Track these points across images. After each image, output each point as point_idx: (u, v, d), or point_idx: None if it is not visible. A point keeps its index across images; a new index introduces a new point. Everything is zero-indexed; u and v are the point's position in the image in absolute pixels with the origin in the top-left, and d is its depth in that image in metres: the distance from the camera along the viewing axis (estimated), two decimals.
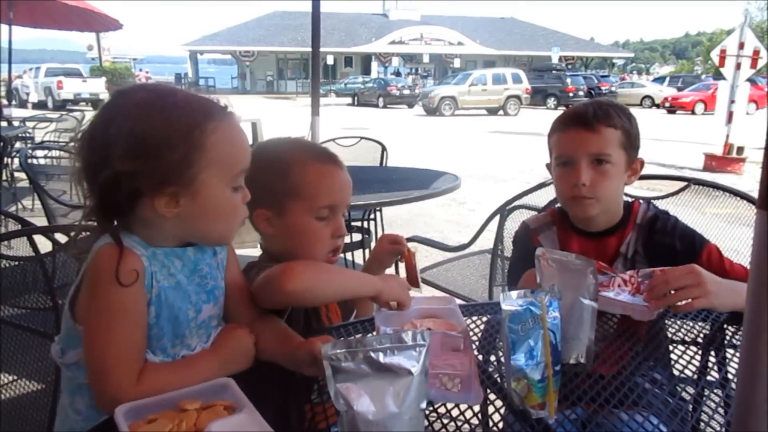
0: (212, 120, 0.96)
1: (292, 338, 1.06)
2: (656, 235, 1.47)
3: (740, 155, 9.51)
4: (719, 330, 1.24)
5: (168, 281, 0.98)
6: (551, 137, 1.52)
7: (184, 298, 1.00)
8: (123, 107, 0.95)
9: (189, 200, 0.95)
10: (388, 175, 3.74)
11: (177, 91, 0.99)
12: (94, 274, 0.92)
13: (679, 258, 1.38)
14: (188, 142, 0.93)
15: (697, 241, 1.45)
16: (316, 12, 4.22)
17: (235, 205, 1.02)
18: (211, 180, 0.96)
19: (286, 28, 41.98)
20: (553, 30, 51.32)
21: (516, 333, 0.88)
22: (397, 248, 1.38)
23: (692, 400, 1.04)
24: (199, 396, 0.82)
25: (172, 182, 0.93)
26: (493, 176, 9.27)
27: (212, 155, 0.95)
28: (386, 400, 0.71)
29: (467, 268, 2.98)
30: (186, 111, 0.95)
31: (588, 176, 1.42)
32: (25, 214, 4.97)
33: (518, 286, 1.53)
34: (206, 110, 0.97)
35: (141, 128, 0.91)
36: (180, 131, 0.92)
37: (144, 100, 0.96)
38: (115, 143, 0.91)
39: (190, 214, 0.97)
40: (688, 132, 16.17)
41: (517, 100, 25.46)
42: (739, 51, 9.12)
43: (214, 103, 1.00)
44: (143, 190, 0.93)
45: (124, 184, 0.91)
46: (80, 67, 28.96)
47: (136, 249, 0.95)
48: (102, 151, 0.92)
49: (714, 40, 36.35)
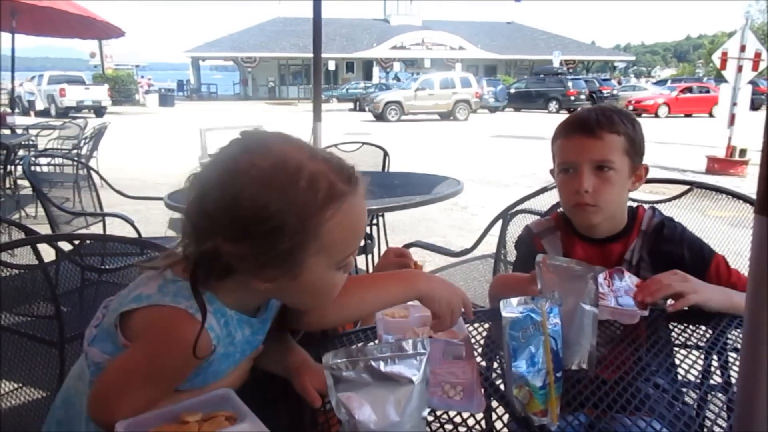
0: (334, 203, 0.86)
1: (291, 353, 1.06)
2: (663, 243, 1.46)
3: (743, 158, 9.49)
4: (721, 334, 1.24)
5: (226, 349, 0.93)
6: (554, 143, 1.51)
7: (230, 360, 0.96)
8: (242, 174, 0.85)
9: (288, 279, 0.89)
10: (391, 181, 3.74)
11: (303, 160, 0.87)
12: (163, 332, 0.86)
13: (687, 268, 1.36)
14: (303, 232, 0.85)
15: (706, 252, 1.45)
16: (318, 18, 4.23)
17: (336, 285, 0.95)
18: (318, 264, 0.89)
19: (288, 34, 42.10)
20: (555, 34, 51.36)
21: (517, 340, 0.88)
22: (403, 261, 1.35)
23: (695, 405, 1.04)
24: (199, 408, 0.81)
25: (275, 268, 0.86)
26: (495, 181, 9.26)
27: (325, 242, 0.87)
28: (387, 409, 0.72)
29: (470, 273, 2.97)
30: (309, 194, 0.85)
31: (590, 183, 1.41)
32: (27, 222, 4.99)
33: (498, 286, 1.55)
34: (330, 191, 0.86)
35: (252, 207, 0.83)
36: (296, 219, 0.84)
37: (263, 171, 0.84)
38: (223, 216, 0.84)
39: (286, 289, 0.91)
40: (690, 135, 16.14)
41: (467, 104, 24.71)
42: (740, 54, 9.12)
43: (339, 178, 0.89)
44: (244, 269, 0.87)
45: (225, 258, 0.85)
46: (83, 74, 29.09)
47: (213, 327, 0.88)
48: (210, 219, 0.85)
49: (715, 42, 36.33)
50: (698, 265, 1.42)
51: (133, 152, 12.16)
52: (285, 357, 1.04)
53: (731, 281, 1.40)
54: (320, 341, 1.22)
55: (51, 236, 1.71)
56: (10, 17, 7.12)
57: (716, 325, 1.27)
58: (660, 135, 14.54)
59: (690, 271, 1.33)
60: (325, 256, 0.88)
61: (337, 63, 40.65)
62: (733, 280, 1.41)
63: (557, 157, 1.50)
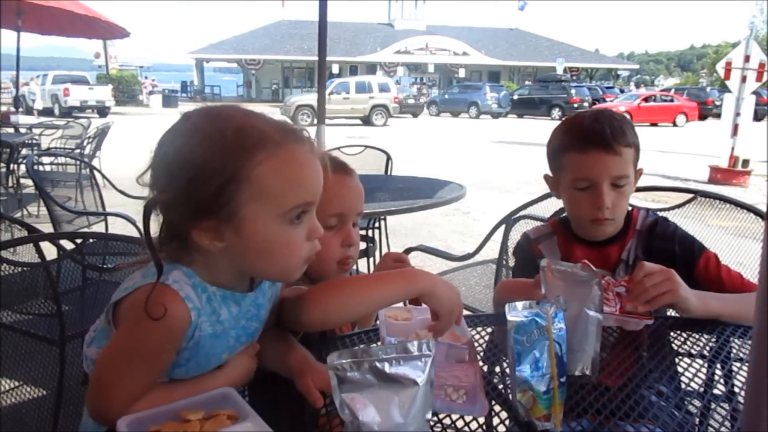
0: (262, 150, 0.86)
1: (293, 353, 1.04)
2: (656, 240, 1.49)
3: (745, 168, 9.51)
4: (725, 343, 1.23)
5: (213, 328, 0.93)
6: (563, 155, 1.47)
7: (222, 344, 0.96)
8: (176, 131, 0.90)
9: (233, 235, 0.88)
10: (393, 184, 3.75)
11: (237, 116, 0.90)
12: (138, 307, 0.85)
13: (678, 262, 1.39)
14: (224, 175, 0.85)
15: (696, 247, 1.47)
16: (323, 21, 4.24)
17: (290, 242, 0.92)
18: (258, 215, 0.88)
19: (292, 37, 42.21)
20: (558, 41, 51.44)
21: (521, 344, 0.88)
22: (401, 267, 1.35)
23: (699, 414, 1.04)
24: (201, 406, 0.81)
25: (207, 215, 0.86)
26: (497, 186, 9.27)
27: (259, 188, 0.86)
28: (391, 411, 0.71)
29: (472, 278, 2.97)
30: (233, 139, 0.86)
31: (610, 199, 1.41)
32: (30, 220, 4.99)
33: (504, 291, 1.54)
34: (258, 139, 0.87)
35: (180, 156, 0.86)
36: (217, 162, 0.85)
37: (195, 125, 0.89)
38: (157, 169, 0.89)
39: (238, 249, 0.90)
40: (693, 144, 16.14)
41: (384, 109, 24.29)
42: (744, 64, 9.14)
43: (273, 131, 0.89)
44: (178, 221, 0.88)
45: (163, 213, 0.88)
46: (87, 74, 29.15)
47: (190, 297, 0.88)
48: (151, 176, 0.89)
49: (719, 52, 36.39)
50: (688, 259, 1.44)
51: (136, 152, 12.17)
52: (286, 355, 1.03)
53: (720, 277, 1.42)
54: (321, 343, 1.21)
55: (53, 234, 1.71)
56: (16, 17, 7.15)
57: (720, 333, 1.27)
58: (663, 144, 14.55)
59: (680, 265, 1.35)
60: (263, 205, 0.88)
61: (341, 66, 40.71)
62: (723, 276, 1.42)
63: (570, 172, 1.45)
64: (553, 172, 1.54)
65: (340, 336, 1.25)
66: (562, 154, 1.47)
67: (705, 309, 1.27)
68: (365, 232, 3.71)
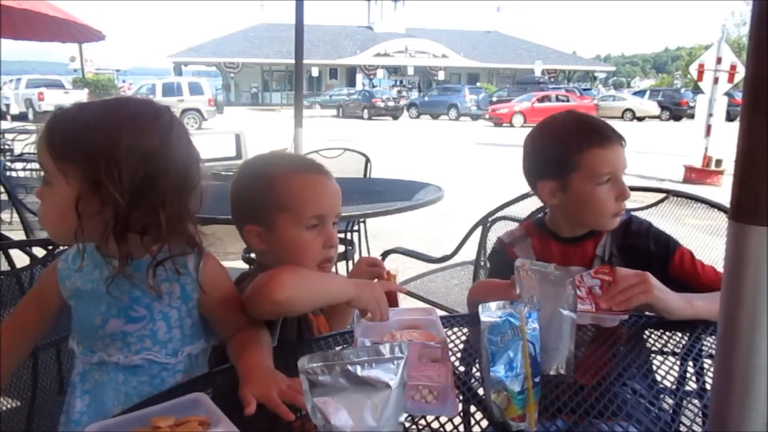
0: None
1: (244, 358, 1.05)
2: (630, 237, 1.51)
3: (718, 167, 9.68)
4: (697, 340, 1.25)
5: (85, 285, 1.11)
6: (581, 153, 1.44)
7: (96, 304, 1.10)
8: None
9: None
10: (372, 187, 3.75)
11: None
12: None
13: (653, 259, 1.45)
14: None
15: (671, 244, 1.50)
16: (300, 24, 4.23)
17: None
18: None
19: (272, 40, 42.04)
20: (536, 43, 51.97)
21: (495, 345, 0.88)
22: (376, 271, 1.38)
23: (671, 410, 1.05)
24: (171, 412, 0.80)
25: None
26: (476, 188, 9.31)
27: None
28: (364, 414, 0.71)
29: (450, 280, 2.98)
30: None
31: None
32: (2, 228, 4.90)
33: (478, 291, 1.55)
34: None
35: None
36: None
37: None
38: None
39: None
40: (669, 144, 16.39)
41: (198, 113, 22.31)
42: (716, 66, 9.30)
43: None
44: None
45: None
46: (62, 78, 28.70)
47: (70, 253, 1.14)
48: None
49: (693, 55, 36.97)
50: (662, 255, 1.47)
51: None
52: (238, 361, 1.04)
53: (696, 271, 1.44)
54: (296, 346, 1.21)
55: (24, 242, 1.67)
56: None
57: (692, 331, 1.29)
58: (639, 145, 14.75)
59: (655, 262, 1.41)
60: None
61: (320, 69, 40.69)
62: (698, 270, 1.44)
63: (594, 168, 1.43)
64: (556, 178, 1.48)
65: (316, 339, 1.25)
66: (579, 153, 1.44)
67: (691, 309, 1.29)
68: (344, 235, 3.70)
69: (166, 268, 1.09)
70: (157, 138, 1.03)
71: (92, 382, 1.13)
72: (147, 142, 1.01)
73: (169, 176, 1.03)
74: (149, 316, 1.10)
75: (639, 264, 1.36)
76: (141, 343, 1.11)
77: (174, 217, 1.05)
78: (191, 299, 1.13)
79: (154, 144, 1.02)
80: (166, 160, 1.03)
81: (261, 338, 1.12)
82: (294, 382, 0.90)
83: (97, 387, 1.13)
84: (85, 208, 0.99)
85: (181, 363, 1.14)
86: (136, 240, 1.04)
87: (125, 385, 1.11)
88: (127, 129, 1.01)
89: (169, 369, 1.13)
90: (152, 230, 1.04)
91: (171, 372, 1.13)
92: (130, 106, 1.07)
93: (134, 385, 1.12)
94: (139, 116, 1.04)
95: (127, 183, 0.99)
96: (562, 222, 1.56)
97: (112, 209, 1.00)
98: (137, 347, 1.11)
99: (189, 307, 1.14)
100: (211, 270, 1.15)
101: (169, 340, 1.12)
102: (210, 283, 1.13)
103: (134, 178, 0.99)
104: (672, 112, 29.70)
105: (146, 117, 1.05)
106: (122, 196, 0.99)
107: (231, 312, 1.15)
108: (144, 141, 1.01)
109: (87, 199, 1.00)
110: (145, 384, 1.12)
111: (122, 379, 1.11)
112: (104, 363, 1.12)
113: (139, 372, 1.12)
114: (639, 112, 29.95)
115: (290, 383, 0.92)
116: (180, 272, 1.10)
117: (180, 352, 1.13)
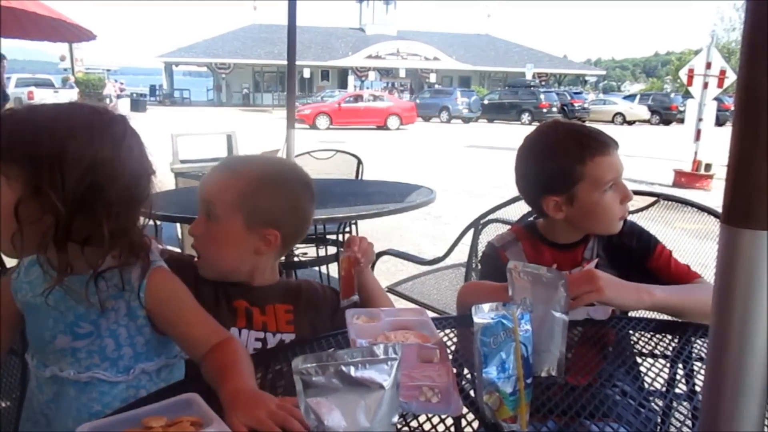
0: None
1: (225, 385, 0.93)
2: (614, 237, 1.53)
3: (708, 172, 9.76)
4: (687, 343, 1.26)
5: (35, 299, 1.08)
6: (585, 164, 1.44)
7: (44, 318, 1.09)
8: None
9: None
10: (364, 189, 3.74)
11: None
12: None
13: (633, 255, 1.51)
14: None
15: (652, 241, 1.55)
16: (292, 25, 4.22)
17: None
18: None
19: (263, 41, 41.93)
20: (528, 47, 52.09)
21: (488, 346, 0.88)
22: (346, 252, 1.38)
23: (661, 412, 1.06)
24: (163, 413, 0.80)
25: None
26: (468, 190, 9.33)
27: None
28: (357, 415, 0.71)
29: (442, 282, 2.98)
30: None
31: None
32: None
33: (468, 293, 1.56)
34: None
35: None
36: None
37: None
38: None
39: None
40: (659, 149, 16.50)
41: None
42: (706, 70, 9.39)
43: None
44: None
45: None
46: (52, 77, 28.50)
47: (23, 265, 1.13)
48: None
49: (682, 59, 37.32)
50: (643, 250, 1.52)
51: None
52: (220, 390, 0.93)
53: (668, 266, 1.50)
54: (292, 347, 1.20)
55: None
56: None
57: (682, 334, 1.30)
58: (629, 149, 14.83)
59: (634, 256, 1.49)
60: None
61: (312, 71, 40.59)
62: (671, 267, 1.50)
63: (601, 176, 1.44)
64: (561, 191, 1.47)
65: (310, 340, 1.25)
66: (582, 164, 1.44)
67: (650, 299, 1.30)
68: (336, 236, 3.70)
69: (108, 284, 1.05)
70: (108, 147, 0.99)
71: (50, 394, 1.12)
72: (96, 150, 0.98)
73: (116, 187, 1.00)
74: (96, 332, 1.08)
75: (622, 261, 1.47)
76: (90, 359, 1.08)
77: (119, 229, 1.01)
78: (138, 317, 1.09)
79: (103, 153, 0.98)
80: (114, 171, 0.99)
81: (237, 358, 1.02)
82: (283, 400, 0.84)
83: (53, 402, 1.11)
84: (25, 213, 0.95)
85: (136, 380, 1.11)
86: (77, 250, 1.00)
87: (76, 401, 1.09)
88: (77, 135, 0.97)
89: (119, 386, 1.10)
90: (95, 241, 1.00)
91: (122, 389, 1.10)
92: (84, 112, 1.03)
93: (84, 401, 1.09)
94: (91, 123, 1.01)
95: (71, 190, 0.96)
96: (561, 231, 1.55)
97: (52, 216, 0.96)
98: (87, 363, 1.09)
99: (138, 324, 1.10)
100: (158, 286, 1.09)
101: (119, 357, 1.09)
102: (155, 300, 1.08)
103: (78, 186, 0.96)
104: (662, 117, 29.95)
105: (99, 125, 1.02)
106: (64, 203, 0.95)
107: (190, 330, 1.09)
108: (93, 149, 0.97)
109: (27, 204, 0.96)
110: (94, 401, 1.09)
111: (74, 395, 1.09)
112: (57, 377, 1.09)
113: (88, 389, 1.09)
114: (629, 116, 30.19)
115: (279, 402, 0.85)
116: (125, 288, 1.06)
117: (132, 370, 1.10)
